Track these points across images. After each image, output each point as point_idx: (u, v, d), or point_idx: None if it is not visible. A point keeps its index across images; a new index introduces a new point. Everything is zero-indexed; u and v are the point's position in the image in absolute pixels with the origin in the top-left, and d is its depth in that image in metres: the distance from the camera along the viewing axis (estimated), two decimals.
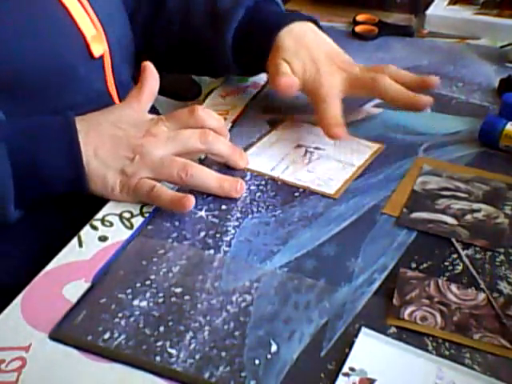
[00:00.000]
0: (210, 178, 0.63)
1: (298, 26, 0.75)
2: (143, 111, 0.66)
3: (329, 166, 0.69)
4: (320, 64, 0.72)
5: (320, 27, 0.78)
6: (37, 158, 0.59)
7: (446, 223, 0.61)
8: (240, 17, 0.77)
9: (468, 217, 0.62)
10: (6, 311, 0.52)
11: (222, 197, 0.64)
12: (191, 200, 0.60)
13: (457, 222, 0.61)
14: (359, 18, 1.03)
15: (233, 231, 0.60)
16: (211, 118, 0.65)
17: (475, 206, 0.63)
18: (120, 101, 0.74)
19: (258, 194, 0.65)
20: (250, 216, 0.62)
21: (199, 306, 0.52)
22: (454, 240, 0.59)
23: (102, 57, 0.71)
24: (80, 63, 0.69)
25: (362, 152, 0.71)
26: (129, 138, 0.62)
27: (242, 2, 0.78)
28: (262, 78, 0.87)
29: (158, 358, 0.48)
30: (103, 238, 0.60)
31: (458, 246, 0.58)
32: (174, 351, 0.49)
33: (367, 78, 0.72)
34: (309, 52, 0.73)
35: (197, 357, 0.48)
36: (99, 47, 0.70)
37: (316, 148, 0.72)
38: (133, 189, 0.62)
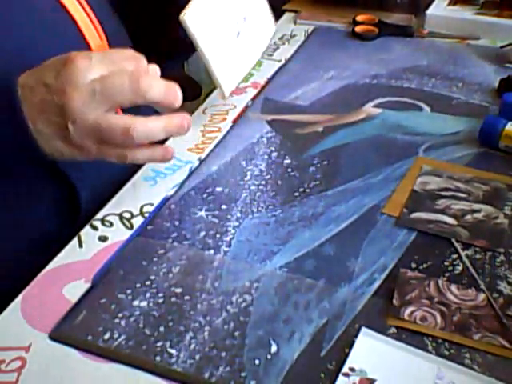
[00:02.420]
0: (155, 132, 0.57)
1: None
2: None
3: None
4: None
5: None
6: None
7: (445, 223, 0.61)
8: None
9: (468, 217, 0.62)
10: (6, 311, 0.52)
11: (222, 197, 0.64)
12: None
13: (457, 222, 0.61)
14: (359, 18, 1.03)
15: (233, 231, 0.60)
16: (156, 88, 0.57)
17: (475, 206, 0.63)
18: None
19: (258, 194, 0.65)
20: (250, 216, 0.62)
21: (199, 306, 0.52)
22: (453, 240, 0.59)
23: None
24: None
25: None
26: (52, 95, 0.55)
27: None
28: (262, 77, 0.88)
29: (157, 358, 0.48)
30: (103, 238, 0.60)
31: (458, 246, 0.58)
32: (174, 351, 0.49)
33: None
34: None
35: (197, 357, 0.48)
36: None
37: None
38: (98, 156, 0.57)
